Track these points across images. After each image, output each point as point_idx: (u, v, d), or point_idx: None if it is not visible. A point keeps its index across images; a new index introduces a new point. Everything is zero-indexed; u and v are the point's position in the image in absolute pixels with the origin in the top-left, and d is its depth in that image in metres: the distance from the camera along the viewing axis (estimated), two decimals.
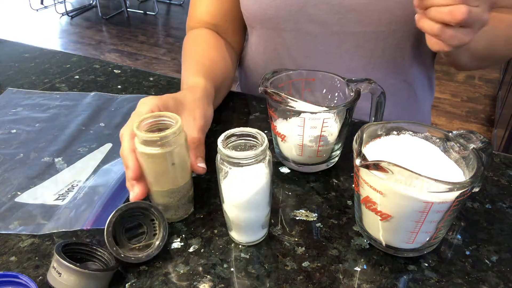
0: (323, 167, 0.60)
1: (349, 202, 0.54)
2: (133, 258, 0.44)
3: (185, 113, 0.53)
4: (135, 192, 0.47)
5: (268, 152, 0.43)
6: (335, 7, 0.64)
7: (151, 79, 0.87)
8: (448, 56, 0.62)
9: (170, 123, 0.46)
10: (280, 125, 0.57)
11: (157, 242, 0.47)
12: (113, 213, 0.45)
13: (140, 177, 0.47)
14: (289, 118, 0.56)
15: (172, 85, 0.85)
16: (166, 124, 0.47)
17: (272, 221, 0.51)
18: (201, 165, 0.51)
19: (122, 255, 0.44)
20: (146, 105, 0.50)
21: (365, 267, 0.46)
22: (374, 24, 0.65)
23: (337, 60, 0.71)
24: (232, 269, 0.45)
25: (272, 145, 0.62)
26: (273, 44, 0.73)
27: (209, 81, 0.62)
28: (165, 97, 0.53)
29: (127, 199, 0.50)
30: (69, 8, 4.17)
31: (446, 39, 0.48)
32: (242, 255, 0.47)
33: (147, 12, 4.13)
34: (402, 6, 0.62)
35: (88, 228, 0.50)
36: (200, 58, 0.69)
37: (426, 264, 0.46)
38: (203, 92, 0.59)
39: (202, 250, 0.48)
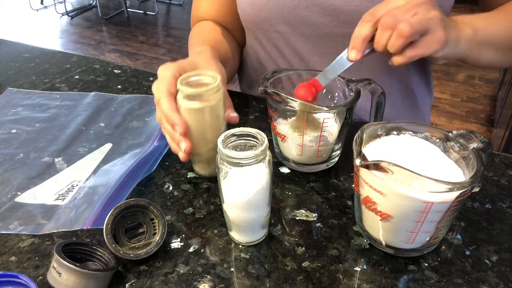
0: (323, 167, 0.60)
1: (349, 202, 0.54)
2: (132, 255, 0.44)
3: None
4: (185, 147, 0.50)
5: (268, 152, 0.43)
6: (327, 9, 0.65)
7: (151, 79, 0.87)
8: (467, 61, 0.61)
9: (208, 80, 0.50)
10: (280, 125, 0.57)
11: (157, 238, 0.47)
12: (112, 210, 0.46)
13: (185, 133, 0.50)
14: (289, 118, 0.56)
15: None
16: (204, 81, 0.50)
17: (272, 221, 0.51)
18: (234, 115, 0.54)
19: (121, 252, 0.44)
20: (169, 69, 0.53)
21: (365, 267, 0.46)
22: None
23: (330, 60, 0.71)
24: (232, 269, 0.45)
25: (272, 145, 0.62)
26: (268, 45, 0.74)
27: (213, 48, 0.65)
28: (180, 62, 0.55)
29: (127, 199, 0.50)
30: (69, 8, 4.17)
31: (425, 51, 0.49)
32: (242, 255, 0.47)
33: (147, 12, 4.13)
34: None
35: (88, 228, 0.50)
36: (205, 38, 0.73)
37: (426, 264, 0.46)
38: (211, 52, 0.62)
39: (202, 250, 0.48)
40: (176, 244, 0.48)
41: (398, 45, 0.48)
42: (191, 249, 0.48)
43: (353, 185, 0.57)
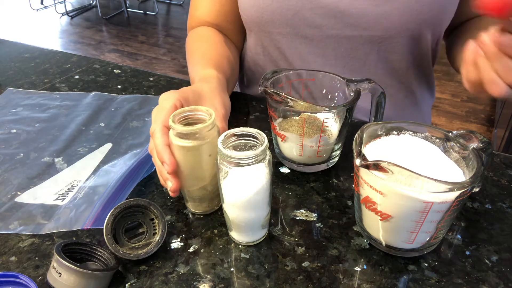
0: (323, 167, 0.60)
1: (349, 202, 0.54)
2: (132, 255, 0.44)
3: (205, 104, 0.54)
4: (173, 185, 0.48)
5: (268, 152, 0.43)
6: (332, 11, 0.64)
7: (151, 79, 0.87)
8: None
9: (203, 116, 0.48)
10: (280, 125, 0.57)
11: (157, 238, 0.47)
12: (112, 210, 0.45)
13: (174, 172, 0.48)
14: (289, 118, 0.56)
15: (172, 85, 0.85)
16: (199, 117, 0.48)
17: (272, 221, 0.51)
18: None
19: (121, 252, 0.44)
20: (169, 100, 0.51)
21: (365, 267, 0.46)
22: (370, 29, 0.65)
23: (333, 62, 0.71)
24: (232, 269, 0.45)
25: (272, 145, 0.62)
26: (270, 46, 0.74)
27: (219, 72, 0.64)
28: (184, 90, 0.53)
29: (127, 199, 0.50)
30: (69, 8, 4.17)
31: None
32: (242, 255, 0.47)
33: (147, 12, 4.13)
34: (398, 11, 0.62)
35: (88, 228, 0.50)
36: (206, 52, 0.70)
37: (426, 264, 0.46)
38: (218, 82, 0.60)
39: (202, 250, 0.48)
40: (176, 244, 0.48)
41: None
42: (191, 249, 0.48)
43: (353, 185, 0.57)
